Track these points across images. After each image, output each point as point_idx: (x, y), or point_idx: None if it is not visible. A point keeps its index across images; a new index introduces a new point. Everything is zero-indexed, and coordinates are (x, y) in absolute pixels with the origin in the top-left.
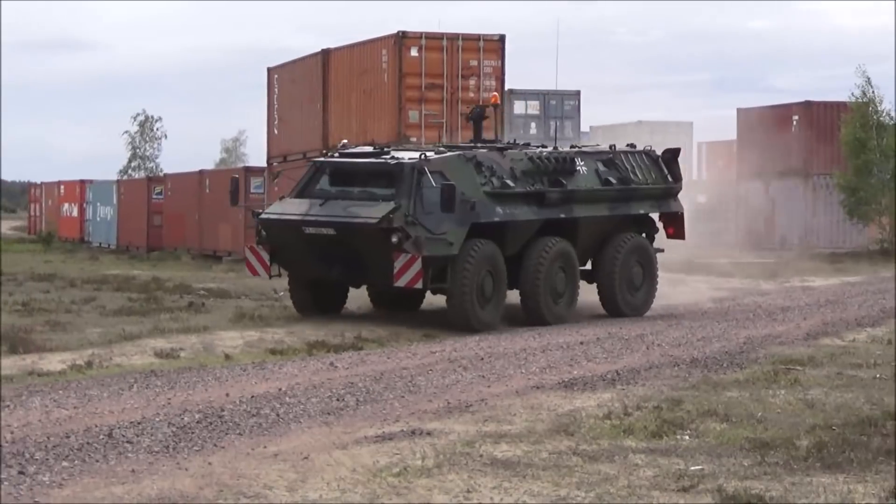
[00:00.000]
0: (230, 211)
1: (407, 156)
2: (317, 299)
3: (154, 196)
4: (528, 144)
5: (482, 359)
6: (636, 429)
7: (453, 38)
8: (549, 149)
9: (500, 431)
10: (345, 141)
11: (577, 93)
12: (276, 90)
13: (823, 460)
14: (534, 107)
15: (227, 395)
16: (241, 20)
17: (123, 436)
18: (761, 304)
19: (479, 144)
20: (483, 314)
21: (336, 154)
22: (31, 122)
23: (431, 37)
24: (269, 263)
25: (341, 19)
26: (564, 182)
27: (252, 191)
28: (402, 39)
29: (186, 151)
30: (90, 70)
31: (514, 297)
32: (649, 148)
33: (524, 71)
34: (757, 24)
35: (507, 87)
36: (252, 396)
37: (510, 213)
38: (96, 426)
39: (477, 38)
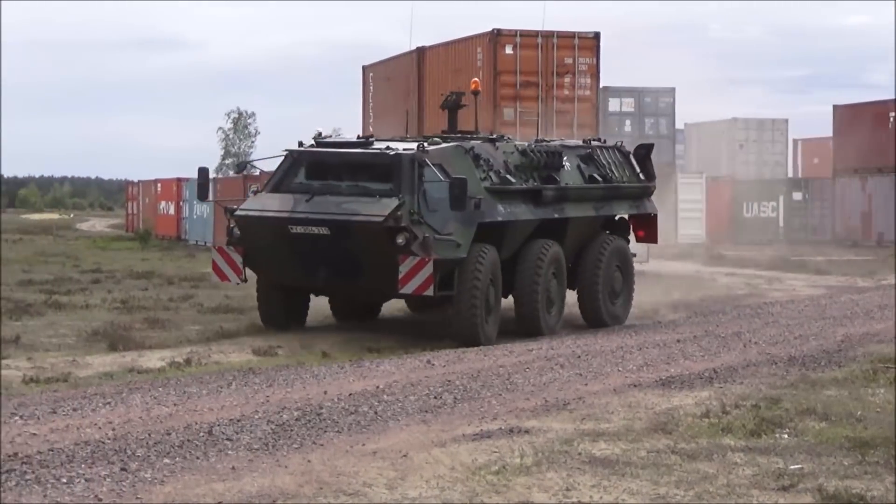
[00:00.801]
0: None
1: (401, 147)
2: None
3: (250, 194)
4: (503, 137)
5: (579, 357)
6: (734, 427)
7: (548, 35)
8: (533, 141)
9: (598, 429)
10: (320, 130)
11: (672, 90)
12: (370, 87)
13: None
14: (628, 104)
15: (326, 392)
16: (332, 18)
17: (223, 433)
18: (858, 301)
19: (456, 136)
20: (488, 327)
21: (311, 145)
22: (128, 120)
23: (526, 34)
24: (241, 267)
25: (435, 15)
26: (557, 178)
27: None
28: (496, 37)
29: (281, 149)
30: (185, 68)
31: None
32: (620, 143)
33: (619, 67)
34: (853, 20)
35: (601, 84)
36: (350, 394)
37: (511, 212)
38: (196, 423)
39: (572, 35)
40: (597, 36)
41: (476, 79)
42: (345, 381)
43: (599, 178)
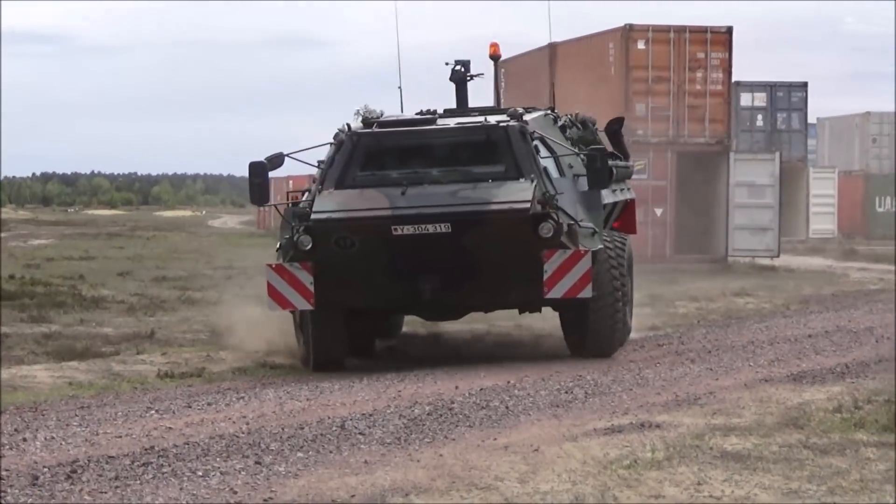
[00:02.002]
0: None
1: (493, 119)
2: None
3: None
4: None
5: (709, 352)
6: (867, 422)
7: (680, 30)
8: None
9: (729, 424)
10: (361, 107)
11: (804, 84)
12: (503, 83)
13: None
14: (760, 99)
15: (457, 387)
16: (463, 16)
17: (356, 427)
18: None
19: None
20: None
21: (367, 126)
22: (258, 117)
23: (658, 29)
24: (311, 289)
25: (569, 14)
26: (618, 154)
27: None
28: (629, 32)
29: None
30: (317, 66)
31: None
32: (589, 116)
33: (752, 62)
34: None
35: (733, 78)
36: (481, 389)
37: (606, 192)
38: (329, 418)
39: (704, 30)
40: (729, 30)
41: (495, 41)
42: (475, 376)
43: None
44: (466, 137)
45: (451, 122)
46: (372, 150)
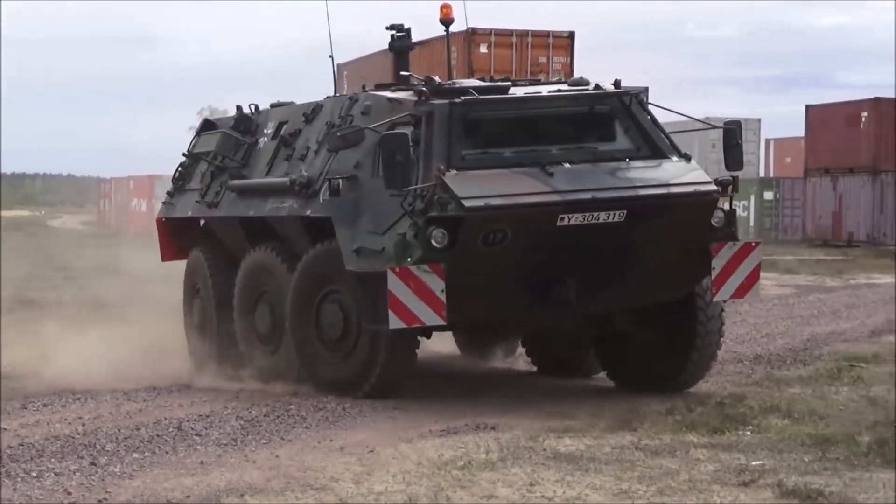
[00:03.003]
0: None
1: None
2: None
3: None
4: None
5: None
6: (698, 424)
7: (522, 34)
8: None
9: (563, 426)
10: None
11: (645, 89)
12: (345, 86)
13: (884, 456)
14: None
15: (295, 390)
16: (307, 18)
17: (192, 428)
18: (826, 301)
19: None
20: None
21: (442, 95)
22: (99, 115)
23: (501, 33)
24: (443, 298)
25: (409, 15)
26: None
27: None
28: (471, 36)
29: None
30: (159, 65)
31: None
32: None
33: (594, 67)
34: (828, 21)
35: None
36: (318, 390)
37: None
38: (166, 419)
39: (546, 34)
40: (571, 35)
41: (447, 2)
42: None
43: None
44: (577, 108)
45: (543, 91)
46: (472, 124)
